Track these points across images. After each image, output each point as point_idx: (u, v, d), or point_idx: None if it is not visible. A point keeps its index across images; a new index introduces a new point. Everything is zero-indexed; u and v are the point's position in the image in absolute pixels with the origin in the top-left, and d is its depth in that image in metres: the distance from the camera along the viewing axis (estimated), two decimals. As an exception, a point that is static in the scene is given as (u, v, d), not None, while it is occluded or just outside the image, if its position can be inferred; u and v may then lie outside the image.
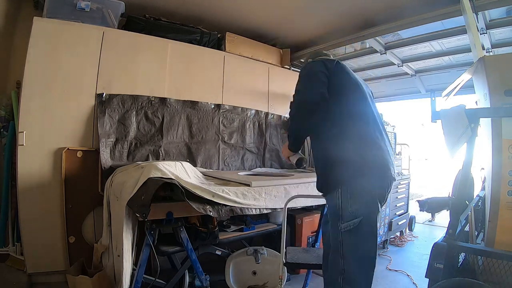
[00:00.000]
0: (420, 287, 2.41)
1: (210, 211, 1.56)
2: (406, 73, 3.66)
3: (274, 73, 3.29)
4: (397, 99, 4.23)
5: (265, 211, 1.76)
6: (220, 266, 2.15)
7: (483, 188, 2.07)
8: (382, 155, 1.34)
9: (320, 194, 1.49)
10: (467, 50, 2.75)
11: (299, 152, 1.62)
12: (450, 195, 2.18)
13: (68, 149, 2.12)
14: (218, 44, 2.95)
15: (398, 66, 3.43)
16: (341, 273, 1.29)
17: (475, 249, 1.44)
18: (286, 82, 3.40)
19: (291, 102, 1.45)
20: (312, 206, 2.44)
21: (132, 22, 2.51)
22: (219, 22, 2.97)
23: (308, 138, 1.60)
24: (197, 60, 2.74)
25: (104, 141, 2.20)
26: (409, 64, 3.44)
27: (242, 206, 1.66)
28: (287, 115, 3.32)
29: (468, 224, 1.78)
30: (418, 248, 3.50)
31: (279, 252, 1.74)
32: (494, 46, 2.67)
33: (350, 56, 3.49)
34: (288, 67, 3.45)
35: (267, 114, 3.17)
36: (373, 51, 3.17)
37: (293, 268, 2.31)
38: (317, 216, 2.66)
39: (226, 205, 1.60)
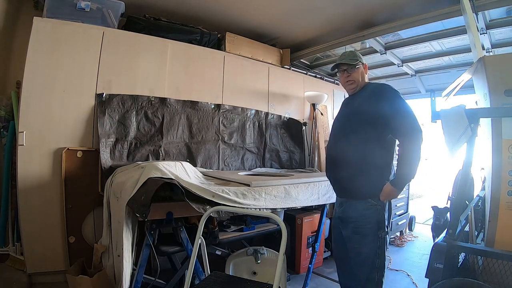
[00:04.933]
0: (420, 287, 2.40)
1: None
2: (406, 73, 3.67)
3: (274, 73, 3.29)
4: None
5: (264, 211, 1.76)
6: (220, 266, 2.14)
7: (483, 188, 2.07)
8: None
9: None
10: (467, 50, 2.76)
11: None
12: (450, 195, 2.17)
13: (68, 149, 2.12)
14: (218, 44, 2.95)
15: (398, 66, 3.43)
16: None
17: (475, 249, 1.44)
18: (286, 82, 3.40)
19: (414, 137, 1.44)
20: (312, 206, 2.43)
21: (132, 22, 2.51)
22: (219, 22, 2.97)
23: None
24: (197, 60, 2.73)
25: (104, 141, 2.20)
26: (409, 64, 3.44)
27: (242, 206, 1.66)
28: (287, 115, 3.34)
29: (468, 224, 1.78)
30: (418, 248, 3.50)
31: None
32: (494, 46, 2.67)
33: (350, 56, 3.49)
34: (288, 67, 3.45)
35: (267, 114, 3.17)
36: (373, 51, 3.18)
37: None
38: (317, 216, 2.65)
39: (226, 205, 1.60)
